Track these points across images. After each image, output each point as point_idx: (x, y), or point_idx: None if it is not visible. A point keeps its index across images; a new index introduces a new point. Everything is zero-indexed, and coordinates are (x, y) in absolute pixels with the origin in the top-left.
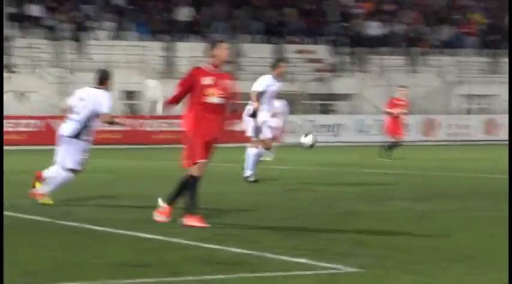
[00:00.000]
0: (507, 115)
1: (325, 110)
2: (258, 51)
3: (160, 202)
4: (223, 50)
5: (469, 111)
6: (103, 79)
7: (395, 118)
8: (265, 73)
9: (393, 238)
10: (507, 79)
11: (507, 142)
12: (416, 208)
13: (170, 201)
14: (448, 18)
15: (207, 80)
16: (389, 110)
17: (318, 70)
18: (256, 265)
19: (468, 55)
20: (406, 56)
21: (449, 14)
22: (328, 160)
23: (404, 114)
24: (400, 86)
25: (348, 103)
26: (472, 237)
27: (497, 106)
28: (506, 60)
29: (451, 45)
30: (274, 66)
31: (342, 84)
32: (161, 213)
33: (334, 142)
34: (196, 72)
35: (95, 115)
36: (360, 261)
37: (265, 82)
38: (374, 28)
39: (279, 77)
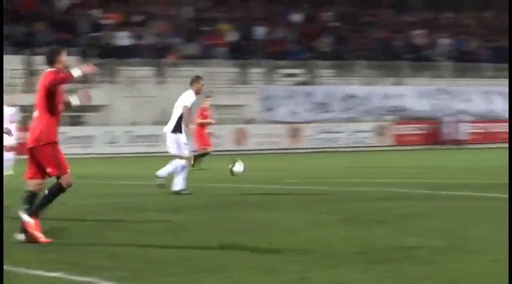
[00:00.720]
0: (255, 125)
1: (75, 122)
2: (8, 63)
3: (26, 219)
4: (65, 56)
5: (218, 122)
6: None
7: (203, 128)
8: (14, 85)
9: (148, 249)
10: (255, 89)
11: (256, 152)
12: (169, 219)
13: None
14: (198, 29)
15: (63, 86)
16: (203, 121)
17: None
18: (9, 280)
19: (217, 66)
20: (155, 66)
21: (199, 26)
22: (79, 172)
23: (210, 123)
24: (207, 96)
25: (98, 114)
26: (225, 248)
27: (246, 116)
28: (255, 70)
29: (200, 56)
30: (193, 82)
31: (91, 96)
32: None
33: (85, 154)
34: None
35: None
36: (115, 274)
37: (192, 98)
38: (123, 39)
39: (198, 93)
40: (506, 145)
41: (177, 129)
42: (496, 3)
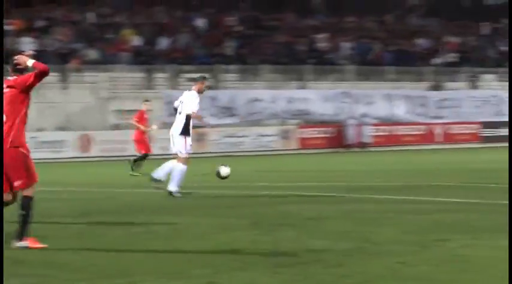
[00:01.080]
0: (161, 130)
1: None
2: None
3: (20, 244)
4: None
5: (122, 127)
6: None
7: (143, 132)
8: None
9: (54, 255)
10: (161, 95)
11: (162, 157)
12: (76, 224)
13: (24, 233)
14: (101, 35)
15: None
16: (141, 125)
17: None
18: None
19: (121, 71)
20: (59, 72)
21: (102, 31)
22: None
23: (149, 127)
24: (146, 99)
25: None
26: (133, 252)
27: (151, 121)
28: (160, 75)
29: (104, 62)
30: (197, 82)
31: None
32: (32, 244)
33: None
34: None
35: None
36: (21, 280)
37: (197, 100)
38: (26, 45)
39: (201, 92)
40: (409, 147)
41: (185, 132)
42: (396, 6)
